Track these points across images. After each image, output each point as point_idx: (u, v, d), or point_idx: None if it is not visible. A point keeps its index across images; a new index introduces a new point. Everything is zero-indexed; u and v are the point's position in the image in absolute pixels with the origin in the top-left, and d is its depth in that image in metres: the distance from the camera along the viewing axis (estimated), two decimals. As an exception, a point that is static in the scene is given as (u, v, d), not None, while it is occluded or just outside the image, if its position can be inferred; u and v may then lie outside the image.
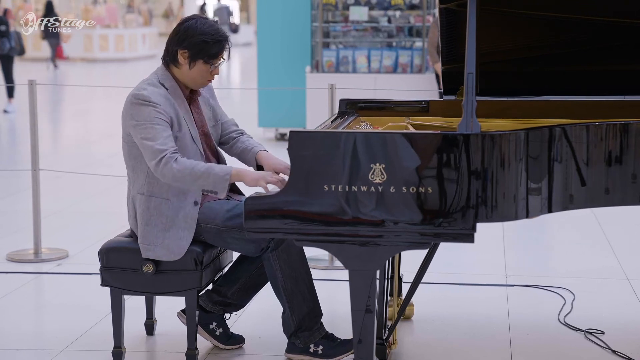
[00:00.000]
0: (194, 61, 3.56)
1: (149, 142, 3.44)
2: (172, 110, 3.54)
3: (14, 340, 4.04)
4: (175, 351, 3.85)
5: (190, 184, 3.46)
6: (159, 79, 3.60)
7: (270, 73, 10.11)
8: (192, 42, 3.53)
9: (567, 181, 3.29)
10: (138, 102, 3.49)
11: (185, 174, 3.42)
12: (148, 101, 3.48)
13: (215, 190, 3.45)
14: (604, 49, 3.88)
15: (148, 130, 3.45)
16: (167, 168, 3.42)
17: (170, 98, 3.56)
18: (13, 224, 6.36)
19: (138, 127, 3.47)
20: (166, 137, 3.46)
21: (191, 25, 3.56)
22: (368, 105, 4.04)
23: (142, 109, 3.47)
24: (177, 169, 3.42)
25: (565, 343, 3.96)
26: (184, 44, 3.55)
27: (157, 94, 3.52)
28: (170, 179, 3.45)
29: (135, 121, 3.48)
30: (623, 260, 5.26)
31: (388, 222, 3.11)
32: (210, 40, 3.54)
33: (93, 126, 12.34)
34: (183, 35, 3.56)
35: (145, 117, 3.46)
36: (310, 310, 3.65)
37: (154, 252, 3.54)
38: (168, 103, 3.54)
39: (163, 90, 3.56)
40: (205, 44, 3.54)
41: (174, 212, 3.54)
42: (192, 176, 3.43)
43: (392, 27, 10.09)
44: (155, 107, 3.48)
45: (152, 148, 3.43)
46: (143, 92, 3.51)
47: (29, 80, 5.44)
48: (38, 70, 19.99)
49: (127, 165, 3.63)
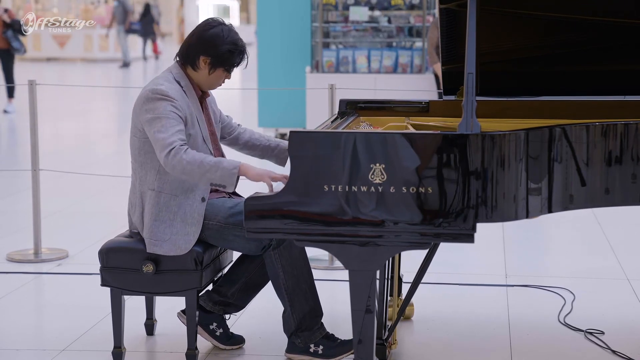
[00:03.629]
0: (214, 68, 3.60)
1: (161, 134, 3.46)
2: (186, 107, 3.58)
3: (14, 340, 4.04)
4: (175, 351, 3.85)
5: (199, 177, 3.46)
6: (174, 77, 3.62)
7: (270, 73, 10.11)
8: (218, 52, 3.57)
9: (567, 181, 3.29)
10: (155, 96, 3.51)
11: (194, 166, 3.43)
12: (166, 96, 3.51)
13: (223, 184, 3.46)
14: (603, 49, 3.88)
15: (162, 123, 3.47)
16: (177, 160, 3.43)
17: (185, 96, 3.59)
18: (13, 224, 6.36)
19: (153, 121, 3.49)
20: (177, 131, 3.48)
21: (217, 34, 3.58)
22: (368, 106, 4.04)
23: (159, 103, 3.50)
24: (187, 161, 3.43)
25: (565, 343, 3.96)
26: (209, 52, 3.58)
27: (174, 89, 3.56)
28: (180, 172, 3.46)
29: (150, 115, 3.50)
30: (623, 260, 5.26)
31: (388, 222, 3.11)
32: (235, 50, 3.58)
33: (93, 126, 12.34)
34: (209, 44, 3.58)
35: (161, 111, 3.49)
36: (311, 310, 3.65)
37: (161, 247, 3.55)
38: (183, 100, 3.57)
39: (178, 87, 3.60)
40: (230, 54, 3.58)
41: (181, 208, 3.56)
42: (201, 169, 3.43)
43: (392, 27, 10.10)
44: (172, 101, 3.51)
45: (163, 141, 3.45)
46: (160, 87, 3.53)
47: (29, 80, 5.43)
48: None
49: (136, 161, 3.63)
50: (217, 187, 3.49)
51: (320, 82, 9.16)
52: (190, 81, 3.65)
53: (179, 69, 3.65)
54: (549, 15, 3.78)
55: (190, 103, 3.61)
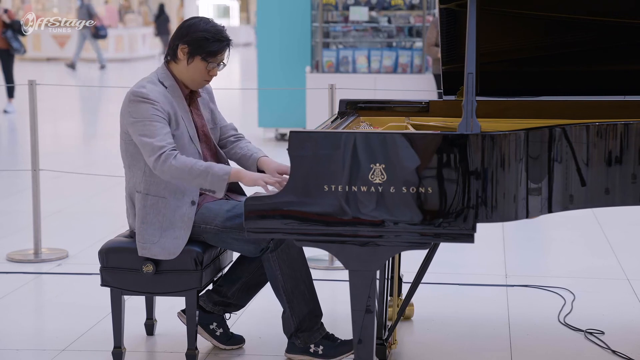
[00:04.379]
0: (192, 57, 3.58)
1: (148, 139, 3.45)
2: (170, 108, 3.55)
3: (14, 340, 4.04)
4: (175, 351, 3.85)
5: (189, 182, 3.46)
6: (158, 78, 3.62)
7: (270, 73, 10.11)
8: (193, 38, 3.57)
9: (567, 181, 3.29)
10: (136, 99, 3.50)
11: (184, 171, 3.43)
12: (146, 98, 3.49)
13: (213, 189, 3.45)
14: (603, 49, 3.88)
15: (147, 127, 3.46)
16: (167, 165, 3.42)
17: (168, 96, 3.57)
18: (13, 224, 6.36)
19: (136, 124, 3.48)
20: (165, 134, 3.47)
21: (194, 23, 3.62)
22: (368, 106, 4.04)
23: (140, 106, 3.49)
24: (176, 166, 3.42)
25: (565, 343, 3.96)
26: (185, 38, 3.58)
27: (156, 91, 3.54)
28: (169, 177, 3.45)
29: (133, 118, 3.49)
30: (623, 260, 5.26)
31: (388, 222, 3.11)
32: (210, 37, 3.57)
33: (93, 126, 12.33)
34: (185, 31, 3.60)
35: (143, 115, 3.47)
36: (311, 311, 3.65)
37: (150, 250, 3.54)
38: (166, 101, 3.55)
39: (162, 88, 3.58)
40: (205, 41, 3.56)
41: (170, 211, 3.54)
42: (191, 174, 3.43)
43: (392, 27, 10.10)
44: (153, 104, 3.49)
45: (151, 145, 3.44)
46: (141, 89, 3.52)
47: (29, 81, 5.44)
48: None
49: (124, 163, 3.64)
50: (206, 192, 3.49)
51: (320, 82, 9.16)
52: (176, 80, 3.63)
53: (165, 69, 3.65)
54: (549, 15, 3.78)
55: (175, 103, 3.58)
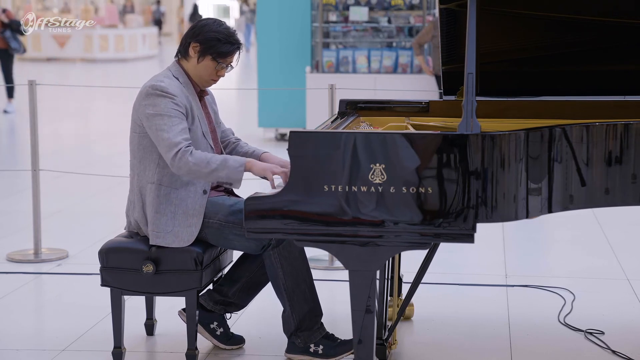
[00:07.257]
0: (202, 56, 3.64)
1: (165, 133, 3.50)
2: (187, 102, 3.61)
3: (14, 340, 4.04)
4: (175, 351, 3.85)
5: (206, 176, 3.51)
6: (172, 74, 3.67)
7: (270, 73, 10.11)
8: (205, 37, 3.63)
9: (567, 181, 3.29)
10: (155, 92, 3.54)
11: (201, 167, 3.48)
12: (166, 92, 3.54)
13: (230, 181, 3.51)
14: (604, 49, 3.88)
15: (165, 121, 3.51)
16: (183, 162, 3.47)
17: (184, 91, 3.63)
18: (13, 224, 6.36)
19: (154, 118, 3.52)
20: (181, 130, 3.52)
21: (208, 23, 3.69)
22: (368, 106, 4.04)
23: (159, 99, 3.53)
24: (193, 162, 3.47)
25: (565, 343, 3.96)
26: (197, 37, 3.65)
27: (174, 85, 3.60)
28: (186, 173, 3.50)
29: (151, 110, 3.53)
30: (623, 260, 5.26)
31: (388, 222, 3.11)
32: (222, 39, 3.63)
33: (93, 126, 12.33)
34: (198, 30, 3.67)
35: (162, 108, 3.52)
36: (311, 310, 3.66)
37: (164, 239, 3.57)
38: (183, 95, 3.61)
39: (178, 82, 3.64)
40: (217, 41, 3.62)
41: (183, 200, 3.59)
42: (208, 169, 3.49)
43: (392, 28, 10.10)
44: (172, 98, 3.54)
45: (168, 141, 3.49)
46: (160, 83, 3.58)
47: (29, 81, 5.44)
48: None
49: (135, 157, 3.65)
50: (224, 184, 3.54)
51: (320, 82, 9.16)
52: (188, 77, 3.68)
53: (177, 66, 3.70)
54: (549, 15, 3.78)
55: (190, 98, 3.64)
